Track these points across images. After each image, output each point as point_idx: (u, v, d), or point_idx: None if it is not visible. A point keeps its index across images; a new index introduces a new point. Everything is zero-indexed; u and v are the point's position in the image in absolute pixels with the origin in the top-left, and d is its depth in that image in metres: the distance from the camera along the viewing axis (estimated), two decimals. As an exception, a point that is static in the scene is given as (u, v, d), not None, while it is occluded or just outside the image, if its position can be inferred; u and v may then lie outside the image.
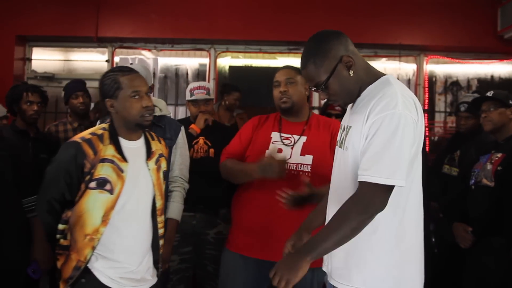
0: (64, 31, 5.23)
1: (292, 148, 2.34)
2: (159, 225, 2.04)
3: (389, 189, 1.44)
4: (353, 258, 1.55)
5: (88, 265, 1.86)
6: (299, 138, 2.38)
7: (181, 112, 5.36)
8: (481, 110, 2.76)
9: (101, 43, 5.42)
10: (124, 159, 1.89)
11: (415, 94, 5.23)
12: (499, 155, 2.64)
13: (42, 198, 1.93)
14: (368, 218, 1.45)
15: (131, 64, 2.64)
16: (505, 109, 2.67)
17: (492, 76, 5.42)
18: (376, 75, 1.62)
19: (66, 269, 1.87)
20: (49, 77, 5.45)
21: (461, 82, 5.44)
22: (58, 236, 1.90)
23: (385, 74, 1.62)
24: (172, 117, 3.08)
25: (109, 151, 1.88)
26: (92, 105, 3.97)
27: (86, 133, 1.93)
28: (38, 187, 2.39)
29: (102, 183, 1.84)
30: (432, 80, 5.44)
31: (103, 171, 1.84)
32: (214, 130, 3.04)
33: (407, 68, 5.42)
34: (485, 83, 5.36)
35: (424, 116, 5.30)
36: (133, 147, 1.96)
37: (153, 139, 2.07)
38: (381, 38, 5.14)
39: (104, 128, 1.95)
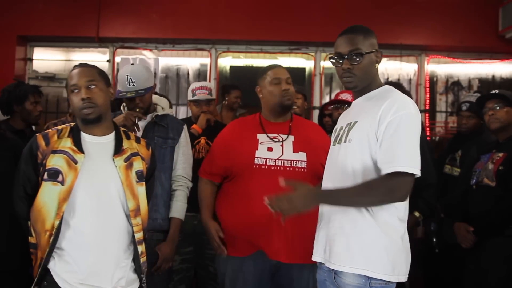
0: (65, 31, 5.23)
1: (282, 146, 2.31)
2: (135, 229, 1.91)
3: (412, 178, 1.61)
4: (356, 242, 1.66)
5: (48, 267, 1.82)
6: (287, 136, 2.35)
7: (182, 112, 5.37)
8: (485, 108, 2.74)
9: (102, 43, 5.42)
10: (80, 150, 1.85)
11: (416, 94, 5.28)
12: (500, 154, 2.63)
13: (14, 197, 1.93)
14: (389, 202, 1.63)
15: (132, 64, 2.64)
16: (511, 108, 2.66)
17: (493, 76, 5.42)
18: (381, 83, 1.83)
19: (35, 269, 1.85)
20: (50, 77, 5.46)
21: (462, 82, 5.44)
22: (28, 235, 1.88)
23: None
24: (173, 117, 3.08)
25: (65, 143, 1.86)
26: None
27: (50, 129, 1.96)
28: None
29: (53, 174, 1.81)
30: (433, 80, 5.44)
31: (54, 161, 1.82)
32: (215, 130, 3.03)
33: (408, 68, 5.42)
34: (486, 83, 5.36)
35: (425, 116, 5.32)
36: (97, 142, 1.92)
37: (128, 138, 2.00)
38: (382, 38, 5.02)
39: (69, 124, 1.95)
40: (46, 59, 5.57)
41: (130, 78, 2.53)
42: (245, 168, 2.27)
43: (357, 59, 1.73)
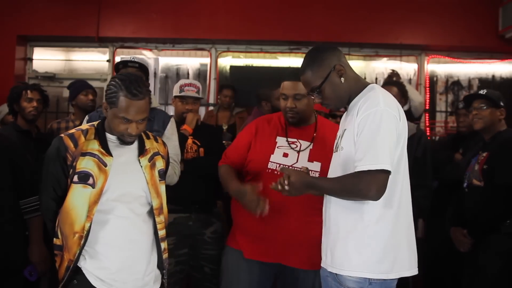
0: (65, 31, 5.24)
1: (298, 153, 2.28)
2: (158, 226, 1.98)
3: (382, 174, 1.63)
4: (354, 245, 1.73)
5: (79, 265, 1.84)
6: (308, 144, 2.31)
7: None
8: (471, 107, 2.77)
9: (102, 43, 5.42)
10: (108, 153, 1.87)
11: (416, 94, 5.26)
12: (484, 154, 2.68)
13: (42, 199, 1.94)
14: (361, 200, 1.69)
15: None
16: (495, 109, 2.69)
17: (493, 76, 5.42)
18: (364, 84, 1.85)
19: (61, 270, 1.86)
20: (50, 77, 5.46)
21: (462, 82, 5.44)
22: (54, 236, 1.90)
23: (371, 84, 1.87)
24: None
25: (92, 145, 1.87)
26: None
27: (73, 129, 1.95)
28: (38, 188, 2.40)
29: (84, 177, 1.82)
30: (433, 79, 5.44)
31: (84, 164, 1.83)
32: (201, 129, 2.97)
33: (408, 67, 5.42)
34: (486, 83, 5.35)
35: (425, 116, 5.30)
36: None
37: (148, 138, 2.03)
38: (382, 38, 5.13)
39: (92, 125, 1.95)
40: (46, 59, 5.57)
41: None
42: (259, 170, 2.26)
43: (318, 93, 1.83)
